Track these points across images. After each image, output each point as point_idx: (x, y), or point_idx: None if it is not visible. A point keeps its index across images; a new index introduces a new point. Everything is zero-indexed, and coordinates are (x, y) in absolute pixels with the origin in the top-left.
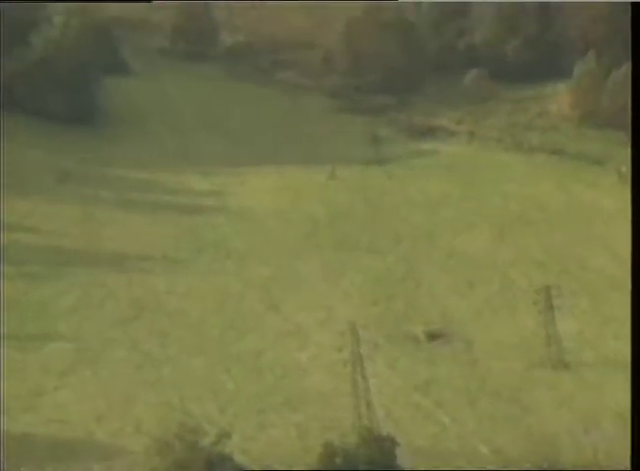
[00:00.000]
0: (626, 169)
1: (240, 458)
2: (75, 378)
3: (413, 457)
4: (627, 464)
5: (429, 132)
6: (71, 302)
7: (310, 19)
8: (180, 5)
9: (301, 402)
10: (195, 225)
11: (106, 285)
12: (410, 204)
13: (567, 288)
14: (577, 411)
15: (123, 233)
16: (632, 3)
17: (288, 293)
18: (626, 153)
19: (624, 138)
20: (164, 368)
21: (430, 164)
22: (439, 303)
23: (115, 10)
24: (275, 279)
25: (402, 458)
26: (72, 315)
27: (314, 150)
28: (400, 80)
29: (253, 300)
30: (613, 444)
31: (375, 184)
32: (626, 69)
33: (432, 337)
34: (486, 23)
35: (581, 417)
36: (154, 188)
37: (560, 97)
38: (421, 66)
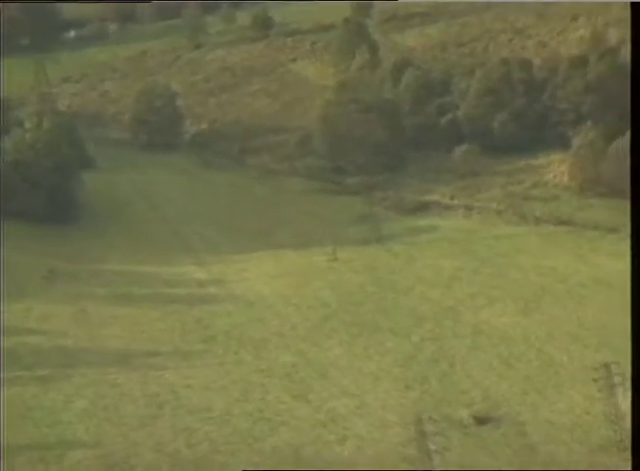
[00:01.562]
0: None
1: None
2: None
3: None
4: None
5: (421, 209)
6: (85, 405)
7: (275, 103)
8: (138, 96)
9: None
10: (202, 315)
11: (118, 384)
12: (424, 282)
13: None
14: None
15: (125, 329)
16: (632, 3)
17: (314, 381)
18: None
19: None
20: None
21: (431, 239)
22: (478, 384)
23: (73, 104)
24: (297, 366)
25: None
26: (89, 419)
27: (306, 232)
28: (381, 160)
29: (279, 390)
30: None
31: (381, 264)
32: (627, 137)
33: (479, 421)
34: (469, 99)
35: None
36: (150, 282)
37: (554, 167)
38: (403, 144)
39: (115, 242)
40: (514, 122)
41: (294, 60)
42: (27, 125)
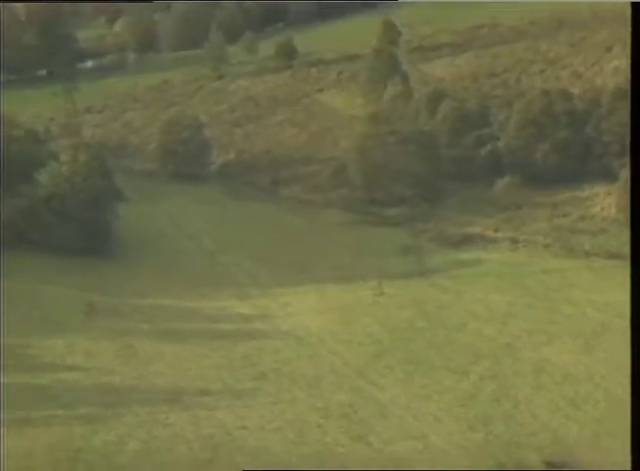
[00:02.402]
0: None
1: None
2: None
3: None
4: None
5: (465, 241)
6: (138, 446)
7: (303, 133)
8: (164, 126)
9: None
10: (250, 352)
11: (170, 424)
12: (476, 317)
13: None
14: None
15: (172, 366)
16: (632, 3)
17: (373, 422)
18: None
19: None
20: None
21: (478, 273)
22: (546, 426)
23: (96, 135)
24: (355, 406)
25: None
26: (142, 462)
27: (347, 265)
28: (419, 192)
29: (337, 431)
30: None
31: (429, 298)
32: None
33: (552, 466)
34: (509, 130)
35: None
36: (193, 317)
37: (601, 200)
38: (441, 176)
39: (151, 275)
40: (557, 153)
41: (321, 90)
42: (64, 157)
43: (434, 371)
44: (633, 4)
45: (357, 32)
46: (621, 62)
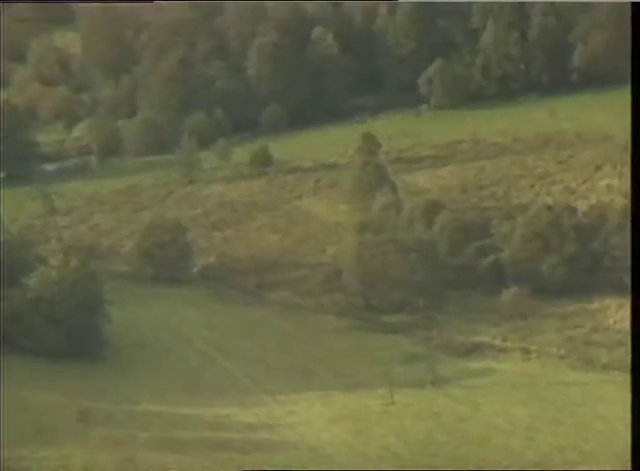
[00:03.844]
0: None
1: None
2: None
3: None
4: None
5: (473, 350)
6: None
7: (287, 239)
8: (140, 229)
9: None
10: (260, 464)
11: None
12: (498, 431)
13: None
14: None
15: None
16: (632, 3)
17: None
18: None
19: None
20: None
21: (491, 384)
22: None
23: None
24: None
25: None
26: None
27: (350, 373)
28: (417, 299)
29: None
30: None
31: (444, 410)
32: None
33: None
34: (513, 242)
35: None
36: (193, 425)
37: (613, 312)
38: (440, 284)
39: (145, 380)
40: (565, 266)
41: (299, 197)
42: (53, 262)
43: None
44: (633, 4)
45: (331, 142)
46: (613, 181)
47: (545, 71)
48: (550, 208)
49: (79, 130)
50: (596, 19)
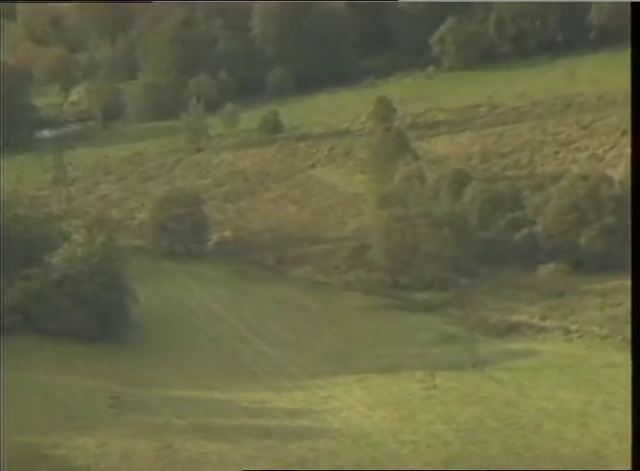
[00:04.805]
0: None
1: None
2: None
3: None
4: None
5: (511, 330)
6: None
7: (304, 211)
8: (157, 203)
9: None
10: (303, 453)
11: None
12: (551, 418)
13: None
14: None
15: (221, 469)
16: (632, 3)
17: None
18: None
19: None
20: None
21: (535, 366)
22: None
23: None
24: None
25: None
26: None
27: (385, 354)
28: (448, 275)
29: None
30: None
31: (489, 394)
32: None
33: None
34: (547, 215)
35: None
36: (230, 411)
37: None
38: (472, 259)
39: (175, 364)
40: (603, 239)
41: (313, 166)
42: (79, 238)
43: None
44: (633, 4)
45: (341, 107)
46: None
47: (561, 28)
48: (584, 178)
49: (76, 94)
50: None
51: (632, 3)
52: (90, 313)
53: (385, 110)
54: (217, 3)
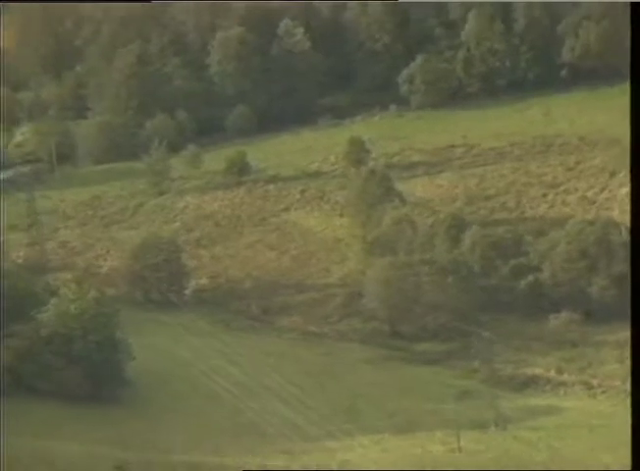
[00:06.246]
0: None
1: None
2: None
3: None
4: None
5: (528, 384)
6: None
7: (284, 257)
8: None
9: None
10: None
11: None
12: None
13: None
14: None
15: None
16: (632, 3)
17: None
18: None
19: None
20: None
21: (563, 425)
22: None
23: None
24: None
25: None
26: None
27: (396, 411)
28: (451, 325)
29: None
30: None
31: (522, 458)
32: None
33: None
34: (554, 260)
35: None
36: None
37: None
38: (475, 307)
39: (174, 424)
40: (614, 287)
41: (287, 209)
42: (69, 294)
43: None
44: (633, 4)
45: (307, 147)
46: None
47: (532, 66)
48: (591, 223)
49: (21, 135)
50: (587, 9)
51: (632, 3)
52: (81, 372)
53: (358, 151)
54: (170, 39)
